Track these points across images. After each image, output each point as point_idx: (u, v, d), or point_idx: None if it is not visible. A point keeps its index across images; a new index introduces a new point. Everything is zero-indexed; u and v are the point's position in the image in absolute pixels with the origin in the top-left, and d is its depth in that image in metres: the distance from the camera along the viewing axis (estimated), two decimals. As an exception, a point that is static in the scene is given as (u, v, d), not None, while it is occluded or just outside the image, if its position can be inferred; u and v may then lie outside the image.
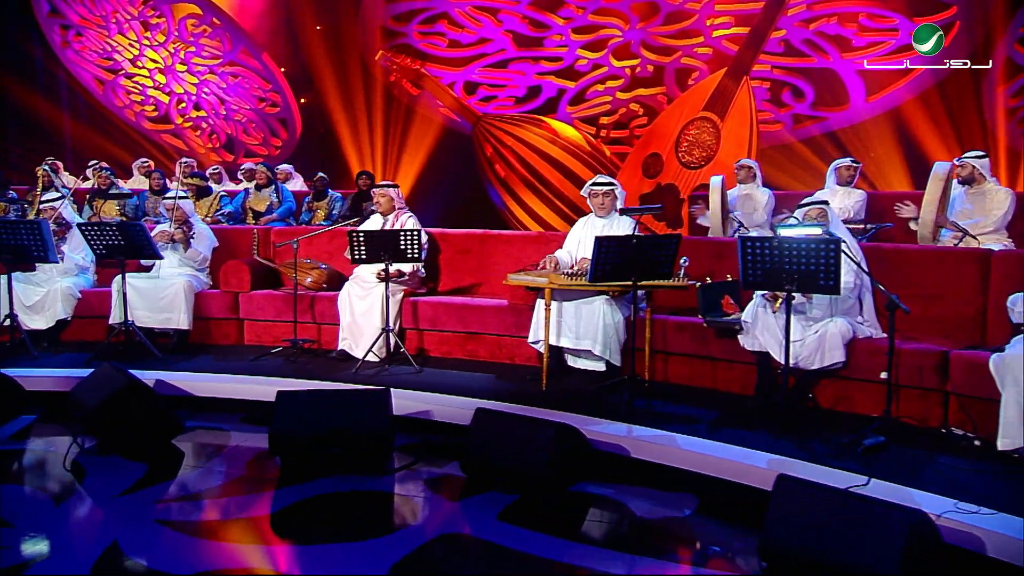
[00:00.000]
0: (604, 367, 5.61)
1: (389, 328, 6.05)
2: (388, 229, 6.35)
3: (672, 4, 10.60)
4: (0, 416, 5.38)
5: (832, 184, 7.26)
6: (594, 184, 5.85)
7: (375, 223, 6.52)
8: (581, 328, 5.52)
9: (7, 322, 6.35)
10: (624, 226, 5.71)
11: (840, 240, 4.32)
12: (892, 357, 4.35)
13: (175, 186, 7.94)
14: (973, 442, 4.32)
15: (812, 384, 4.92)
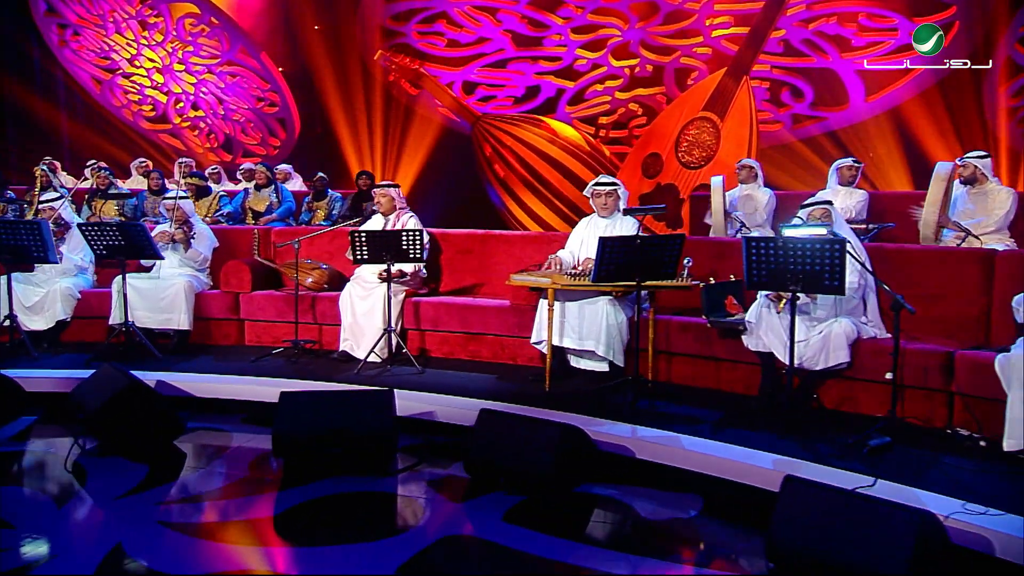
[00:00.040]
0: (607, 367, 5.60)
1: (391, 329, 6.03)
2: (390, 229, 6.33)
3: (671, 4, 10.59)
4: (0, 417, 5.36)
5: (834, 184, 7.25)
6: (597, 184, 5.83)
7: (376, 223, 6.50)
8: (584, 328, 5.51)
9: (7, 323, 6.33)
10: (627, 226, 5.69)
11: (845, 240, 4.33)
12: (897, 357, 4.35)
13: (175, 186, 7.91)
14: (978, 443, 4.31)
15: (816, 384, 4.92)
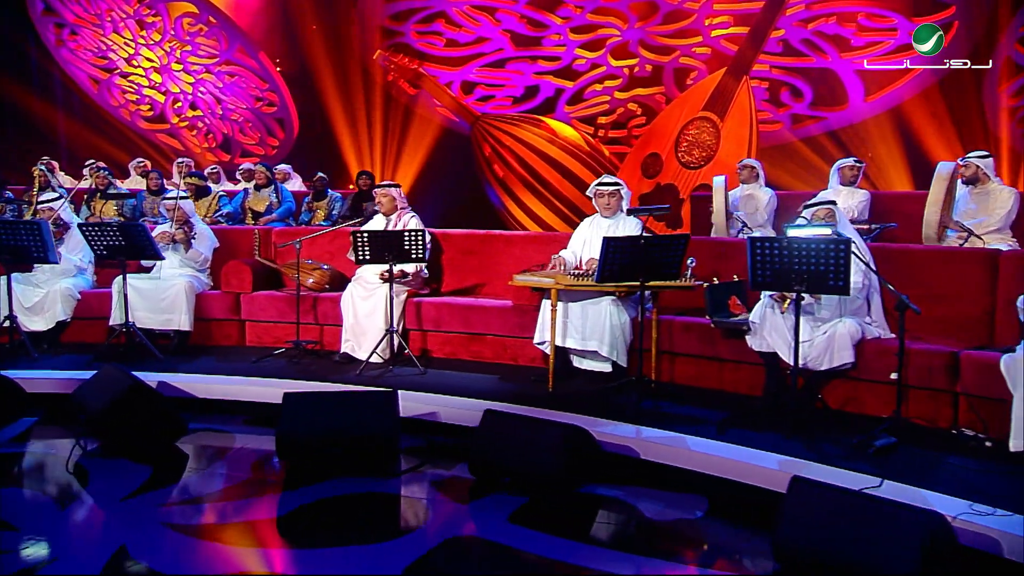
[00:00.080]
0: (610, 368, 5.58)
1: (393, 329, 6.02)
2: (392, 229, 6.31)
3: (671, 3, 10.60)
4: (1, 418, 5.33)
5: (835, 184, 7.24)
6: (600, 184, 5.82)
7: (378, 223, 6.48)
8: (587, 329, 5.49)
9: (7, 324, 6.29)
10: (630, 226, 5.68)
11: (850, 240, 4.32)
12: (902, 357, 4.34)
13: (174, 186, 7.88)
14: (984, 443, 4.31)
15: (821, 385, 4.90)
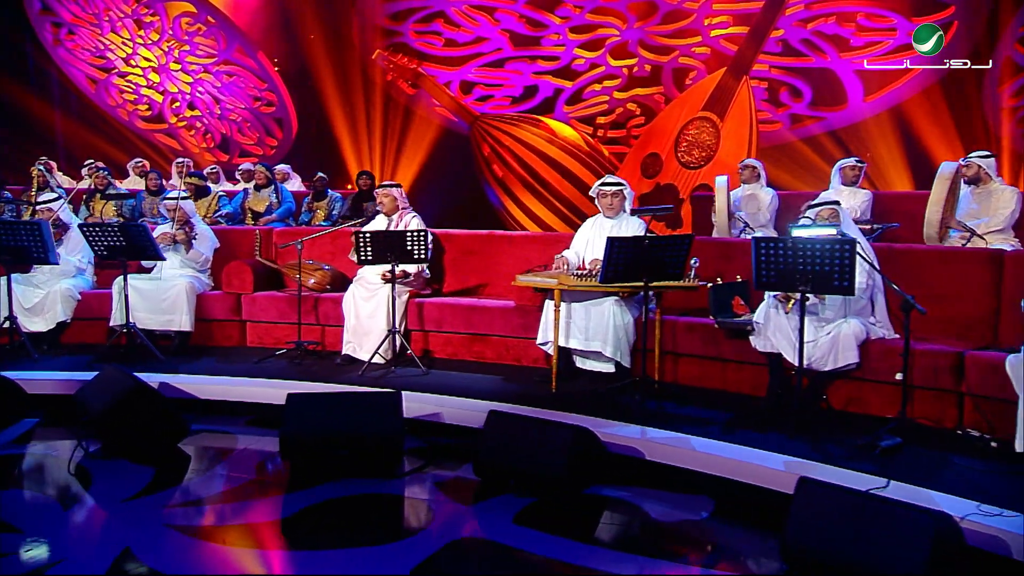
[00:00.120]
0: (613, 368, 5.57)
1: (395, 330, 6.00)
2: (394, 230, 6.30)
3: (670, 3, 10.58)
4: (2, 420, 5.31)
5: (837, 184, 7.24)
6: (603, 184, 5.81)
7: (379, 224, 6.47)
8: (591, 329, 5.48)
9: (7, 324, 6.27)
10: (633, 227, 5.68)
11: (855, 240, 4.31)
12: (907, 358, 4.34)
13: (173, 186, 7.85)
14: (989, 443, 4.31)
15: (825, 385, 4.90)
